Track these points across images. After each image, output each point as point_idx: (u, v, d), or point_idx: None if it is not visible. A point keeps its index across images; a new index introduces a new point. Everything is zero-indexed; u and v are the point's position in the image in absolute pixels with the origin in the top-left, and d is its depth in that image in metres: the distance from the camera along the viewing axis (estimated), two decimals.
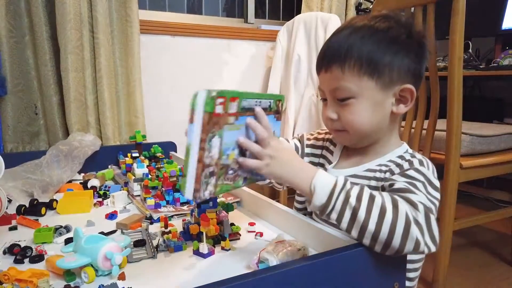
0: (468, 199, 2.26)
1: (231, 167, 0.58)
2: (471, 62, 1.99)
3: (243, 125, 0.58)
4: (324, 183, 0.60)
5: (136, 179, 1.09)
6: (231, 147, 0.57)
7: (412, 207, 0.57)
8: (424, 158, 0.70)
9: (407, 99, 0.69)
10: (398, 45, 0.67)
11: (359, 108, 0.68)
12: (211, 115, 0.51)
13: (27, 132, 1.63)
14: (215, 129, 0.53)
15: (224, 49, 2.11)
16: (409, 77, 0.69)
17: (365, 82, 0.67)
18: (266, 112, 0.62)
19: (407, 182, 0.63)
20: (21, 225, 0.94)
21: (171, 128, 1.98)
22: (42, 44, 1.55)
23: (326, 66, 0.70)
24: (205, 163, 0.53)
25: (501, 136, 1.46)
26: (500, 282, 1.46)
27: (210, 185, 0.55)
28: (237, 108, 0.56)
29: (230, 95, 0.54)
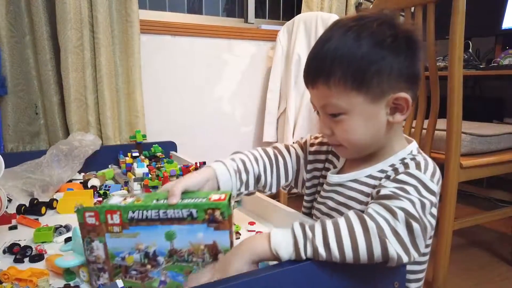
0: (468, 198, 2.26)
1: (133, 268, 0.62)
2: (471, 62, 1.99)
3: (139, 233, 0.60)
4: (284, 244, 0.54)
5: (136, 179, 1.09)
6: (127, 251, 0.61)
7: (392, 216, 0.54)
8: (424, 159, 0.66)
9: (403, 107, 0.64)
10: (385, 50, 0.61)
11: (351, 124, 0.64)
12: (82, 224, 0.60)
13: (28, 131, 1.63)
14: (91, 236, 0.61)
15: (224, 49, 2.11)
16: (401, 82, 0.63)
17: (354, 97, 0.62)
18: (187, 222, 0.58)
19: (396, 188, 0.59)
20: (21, 224, 0.94)
21: (172, 128, 1.98)
22: (43, 43, 1.55)
23: (312, 83, 0.66)
24: (89, 259, 0.62)
25: (501, 135, 1.46)
26: (500, 282, 1.46)
27: (103, 278, 0.63)
28: (122, 219, 0.59)
29: (104, 209, 0.59)
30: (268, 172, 0.79)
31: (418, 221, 0.55)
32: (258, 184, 0.78)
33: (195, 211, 0.58)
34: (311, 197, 0.82)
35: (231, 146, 2.22)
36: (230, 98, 2.18)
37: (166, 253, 0.60)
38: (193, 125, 2.08)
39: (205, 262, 0.59)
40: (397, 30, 0.63)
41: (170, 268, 0.61)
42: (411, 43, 0.63)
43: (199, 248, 0.59)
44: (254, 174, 0.77)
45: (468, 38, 1.90)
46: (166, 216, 0.59)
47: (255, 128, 2.30)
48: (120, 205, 0.60)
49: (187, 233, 0.59)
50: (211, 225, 0.58)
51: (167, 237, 0.60)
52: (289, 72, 2.02)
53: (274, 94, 2.13)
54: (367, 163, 0.70)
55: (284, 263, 0.54)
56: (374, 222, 0.54)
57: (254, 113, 2.28)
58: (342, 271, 0.56)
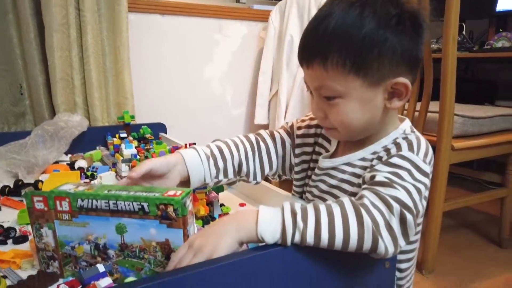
0: (458, 181, 2.28)
1: (83, 258, 0.60)
2: (464, 44, 1.98)
3: (88, 223, 0.58)
4: (270, 230, 0.51)
5: (124, 160, 1.07)
6: (78, 241, 0.60)
7: (387, 209, 0.52)
8: (417, 138, 0.63)
9: (402, 92, 0.61)
10: (388, 31, 0.57)
11: (346, 108, 0.61)
12: (31, 209, 0.59)
13: (12, 112, 1.59)
14: (40, 222, 0.60)
15: (215, 29, 2.07)
16: (403, 66, 0.59)
17: (351, 80, 0.58)
18: (139, 216, 0.56)
19: (390, 173, 0.57)
20: (5, 205, 0.92)
21: (161, 109, 1.95)
22: (26, 21, 1.49)
23: (307, 62, 0.61)
24: (38, 246, 0.61)
25: (493, 118, 1.46)
26: (488, 261, 1.48)
27: (53, 266, 0.61)
28: (71, 207, 0.58)
29: (53, 194, 0.58)
30: (250, 159, 0.75)
31: (412, 211, 0.54)
32: (240, 173, 0.75)
33: (146, 205, 0.55)
34: (301, 181, 0.79)
35: (222, 128, 2.20)
36: (221, 80, 2.15)
37: (117, 247, 0.58)
38: (183, 106, 2.05)
39: (157, 260, 0.57)
40: (402, 9, 0.58)
41: (121, 263, 0.59)
42: (416, 24, 0.59)
43: (151, 244, 0.57)
44: (234, 161, 0.73)
45: (462, 20, 1.88)
46: (116, 208, 0.56)
47: (246, 110, 2.27)
48: (69, 192, 0.58)
49: (139, 228, 0.57)
50: (163, 222, 0.55)
51: (118, 230, 0.58)
52: (281, 53, 1.99)
53: (266, 76, 2.10)
54: (361, 145, 0.67)
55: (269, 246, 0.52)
56: (369, 216, 0.51)
57: (245, 95, 2.25)
58: (330, 253, 0.55)
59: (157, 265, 0.58)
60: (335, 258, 0.56)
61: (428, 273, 1.38)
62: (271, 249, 0.51)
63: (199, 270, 0.47)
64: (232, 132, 2.25)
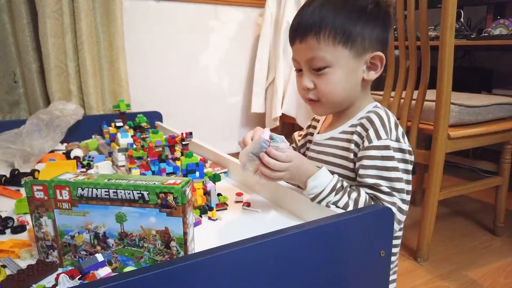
0: (453, 169, 2.30)
1: (83, 247, 0.60)
2: (462, 31, 1.97)
3: (88, 212, 0.58)
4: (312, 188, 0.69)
5: (120, 149, 1.06)
6: (77, 231, 0.60)
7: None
8: (385, 111, 0.74)
9: (377, 66, 0.73)
10: (368, 14, 0.70)
11: (334, 77, 0.71)
12: (31, 198, 0.59)
13: (7, 100, 1.57)
14: (40, 211, 0.60)
15: (210, 15, 2.04)
16: (379, 44, 0.72)
17: (340, 51, 0.70)
18: (139, 204, 0.56)
19: (377, 177, 0.69)
20: (1, 195, 0.91)
21: (156, 98, 1.94)
22: (19, 7, 1.47)
23: (301, 36, 0.71)
24: (38, 236, 0.61)
25: (489, 106, 1.46)
26: (482, 249, 1.50)
27: (52, 256, 0.62)
28: (71, 196, 0.58)
29: (53, 183, 0.58)
30: None
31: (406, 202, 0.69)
32: None
33: (146, 194, 0.55)
34: None
35: (218, 116, 2.19)
36: (217, 67, 2.13)
37: (117, 236, 0.59)
38: (179, 94, 2.04)
39: (157, 248, 0.58)
40: (379, 2, 0.72)
41: (120, 251, 0.59)
42: (388, 13, 0.73)
43: (151, 233, 0.57)
44: None
45: (460, 7, 1.87)
46: (117, 197, 0.57)
47: (242, 99, 2.26)
48: (70, 181, 0.58)
49: (139, 216, 0.57)
50: (163, 210, 0.56)
51: (118, 218, 0.58)
52: (278, 40, 1.98)
53: (262, 64, 2.09)
54: (340, 121, 0.79)
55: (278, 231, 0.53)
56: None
57: (242, 83, 2.24)
58: (329, 241, 0.56)
59: (156, 253, 0.58)
60: (331, 247, 0.56)
61: (423, 261, 1.40)
62: (265, 239, 0.51)
63: (196, 260, 0.47)
64: (228, 121, 2.25)
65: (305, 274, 0.55)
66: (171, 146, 1.06)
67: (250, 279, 0.51)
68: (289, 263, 0.54)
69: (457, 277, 1.32)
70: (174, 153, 1.06)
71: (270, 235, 0.52)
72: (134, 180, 0.58)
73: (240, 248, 0.50)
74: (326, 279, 0.57)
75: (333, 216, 0.59)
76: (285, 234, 0.53)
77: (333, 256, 0.57)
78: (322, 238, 0.55)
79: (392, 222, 0.64)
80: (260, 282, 0.52)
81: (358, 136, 0.73)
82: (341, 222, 0.57)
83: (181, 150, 1.08)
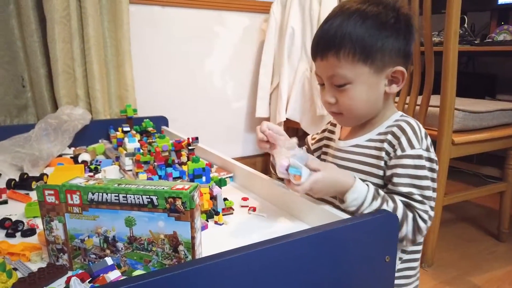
0: (458, 174, 2.30)
1: (93, 251, 0.62)
2: (466, 37, 1.98)
3: (98, 216, 0.60)
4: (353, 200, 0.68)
5: (127, 154, 1.08)
6: (87, 234, 0.61)
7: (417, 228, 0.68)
8: (416, 122, 0.74)
9: (399, 79, 0.73)
10: (388, 29, 0.70)
11: (355, 92, 0.72)
12: (42, 202, 0.61)
13: (15, 105, 1.59)
14: (51, 215, 0.61)
15: (215, 20, 2.06)
16: (399, 58, 0.72)
17: (360, 68, 0.70)
18: (148, 209, 0.58)
19: (411, 185, 0.69)
20: (11, 199, 0.93)
21: (162, 102, 1.95)
22: (27, 13, 1.49)
23: (322, 54, 0.73)
24: (48, 239, 0.62)
25: (494, 112, 1.47)
26: (486, 255, 1.50)
27: (62, 259, 0.63)
28: (82, 200, 0.59)
29: (64, 188, 0.59)
30: None
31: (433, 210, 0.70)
32: None
33: (155, 198, 0.57)
34: None
35: (222, 121, 2.21)
36: (222, 72, 2.15)
37: (126, 240, 0.60)
38: (184, 99, 2.05)
39: (165, 252, 0.59)
40: (398, 13, 0.72)
41: (129, 255, 0.61)
42: (410, 26, 0.73)
43: (159, 237, 0.58)
44: None
45: (464, 13, 1.87)
46: (126, 201, 0.58)
47: (247, 103, 2.28)
48: (80, 185, 0.59)
49: (148, 220, 0.58)
50: (172, 215, 0.57)
51: (127, 223, 0.59)
52: (282, 46, 1.99)
53: (267, 69, 2.10)
54: (364, 129, 0.79)
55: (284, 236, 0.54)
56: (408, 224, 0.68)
57: (246, 87, 2.26)
58: (335, 246, 0.57)
59: (164, 257, 0.59)
60: (336, 252, 0.57)
61: (427, 266, 1.40)
62: (271, 244, 0.52)
63: (204, 264, 0.48)
64: (232, 125, 2.26)
65: (310, 279, 0.56)
66: (178, 151, 1.08)
67: (256, 284, 0.52)
68: (294, 268, 0.54)
69: (462, 283, 1.32)
70: (181, 158, 1.07)
71: (276, 240, 0.53)
72: (143, 185, 0.59)
73: (247, 253, 0.51)
74: (331, 284, 0.58)
75: (339, 222, 0.60)
76: (291, 239, 0.54)
77: (338, 261, 0.58)
78: (328, 243, 0.56)
79: (397, 227, 0.65)
80: (266, 287, 0.53)
81: (388, 144, 0.73)
82: (346, 227, 0.58)
83: (187, 154, 1.09)
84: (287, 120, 2.01)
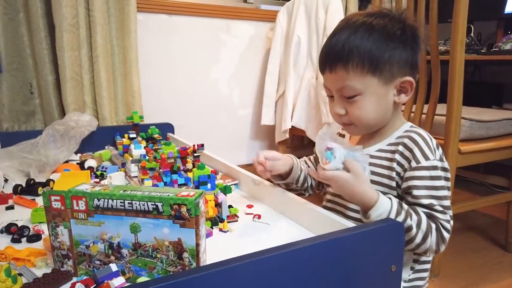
0: (464, 184, 2.28)
1: (97, 257, 0.62)
2: (472, 46, 1.97)
3: (104, 223, 0.60)
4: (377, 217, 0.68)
5: (133, 160, 1.08)
6: (92, 240, 0.61)
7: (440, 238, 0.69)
8: (427, 133, 0.75)
9: (407, 89, 0.75)
10: (395, 41, 0.72)
11: (365, 103, 0.73)
12: (48, 208, 0.61)
13: (23, 111, 1.61)
14: (57, 220, 0.61)
15: (222, 29, 2.08)
16: (407, 68, 0.73)
17: (369, 79, 0.71)
18: (153, 215, 0.58)
19: (430, 196, 0.70)
20: (18, 204, 0.93)
21: (168, 109, 1.96)
22: (37, 21, 1.51)
23: (330, 67, 0.73)
24: (54, 245, 0.63)
25: (500, 121, 1.46)
26: (493, 266, 1.48)
27: (67, 265, 0.63)
28: (87, 206, 0.60)
29: (70, 194, 0.60)
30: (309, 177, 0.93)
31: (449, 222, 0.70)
32: (303, 184, 0.91)
33: (160, 205, 0.57)
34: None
35: (228, 128, 2.21)
36: (228, 80, 2.16)
37: (130, 246, 0.60)
38: (190, 107, 2.06)
39: (169, 259, 0.59)
40: (405, 25, 0.73)
41: (134, 262, 0.61)
42: (416, 37, 0.74)
43: (164, 244, 0.58)
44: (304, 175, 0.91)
45: (470, 22, 1.87)
46: (131, 208, 0.58)
47: (252, 111, 2.28)
48: (86, 191, 0.60)
49: (153, 227, 0.58)
50: (177, 222, 0.57)
51: (132, 229, 0.59)
52: (288, 54, 2.00)
53: (273, 77, 2.11)
54: (374, 139, 0.80)
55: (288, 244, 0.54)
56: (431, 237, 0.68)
57: (252, 95, 2.26)
58: (340, 255, 0.56)
59: (169, 264, 0.59)
60: (342, 261, 0.56)
61: (433, 276, 1.38)
62: (275, 253, 0.52)
63: (209, 271, 0.48)
64: (238, 133, 2.27)
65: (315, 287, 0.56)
66: (183, 158, 1.08)
67: None
68: (299, 277, 0.54)
69: None
70: (186, 165, 1.07)
71: (281, 248, 0.53)
72: (149, 191, 0.59)
73: (252, 260, 0.50)
74: None
75: (344, 230, 0.59)
76: (296, 247, 0.53)
77: (344, 270, 0.57)
78: (333, 252, 0.55)
79: (403, 236, 0.64)
80: None
81: (401, 156, 0.74)
82: (352, 236, 0.58)
83: (192, 161, 1.09)
84: (292, 127, 2.01)
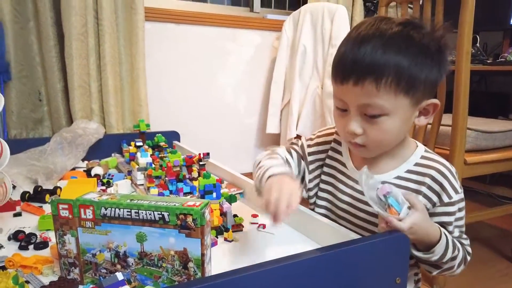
0: (470, 194, 2.26)
1: (103, 266, 0.62)
2: (478, 56, 1.97)
3: (110, 231, 0.61)
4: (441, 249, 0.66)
5: (139, 168, 1.09)
6: (99, 249, 0.62)
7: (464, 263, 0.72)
8: (452, 168, 0.72)
9: (429, 111, 0.69)
10: (431, 59, 0.64)
11: (389, 125, 0.65)
12: (56, 216, 0.62)
13: (31, 118, 1.63)
14: (64, 229, 0.62)
15: (228, 38, 2.09)
16: (433, 90, 0.67)
17: (400, 99, 0.63)
18: (159, 225, 0.58)
19: (459, 227, 0.72)
20: (25, 211, 0.94)
21: (174, 118, 1.98)
22: (47, 30, 1.54)
23: (356, 79, 0.63)
24: (61, 253, 0.63)
25: (506, 132, 1.45)
26: (500, 278, 1.47)
27: (74, 273, 0.63)
28: (94, 215, 0.60)
29: (78, 202, 0.60)
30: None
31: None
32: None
33: (167, 215, 0.57)
34: (314, 189, 0.84)
35: (234, 137, 2.22)
36: (234, 89, 2.17)
37: (136, 255, 0.61)
38: (196, 115, 2.08)
39: (175, 268, 0.59)
40: (440, 43, 0.65)
41: (140, 271, 0.61)
42: (446, 56, 0.67)
43: (169, 253, 0.59)
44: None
45: (476, 32, 1.88)
46: (138, 217, 0.59)
47: (258, 120, 2.29)
48: (94, 200, 0.60)
49: (159, 236, 0.59)
50: (182, 231, 0.57)
51: (138, 238, 0.60)
52: (294, 63, 2.01)
53: (278, 85, 2.12)
54: (385, 161, 0.73)
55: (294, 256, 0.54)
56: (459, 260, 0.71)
57: (258, 104, 2.27)
58: (345, 267, 0.56)
59: (174, 273, 0.60)
60: (347, 273, 0.56)
61: None
62: (280, 264, 0.52)
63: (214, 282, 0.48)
64: (244, 141, 2.27)
65: None
66: (189, 166, 1.09)
67: None
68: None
69: None
70: (191, 173, 1.08)
71: (286, 259, 0.53)
72: (155, 201, 0.60)
73: (257, 272, 0.50)
74: None
75: (349, 242, 0.59)
76: (301, 258, 0.53)
77: (348, 282, 0.57)
78: (338, 264, 0.55)
79: (408, 248, 0.63)
80: None
81: (429, 189, 0.70)
82: (357, 247, 0.58)
83: (198, 170, 1.10)
84: (297, 136, 2.01)
